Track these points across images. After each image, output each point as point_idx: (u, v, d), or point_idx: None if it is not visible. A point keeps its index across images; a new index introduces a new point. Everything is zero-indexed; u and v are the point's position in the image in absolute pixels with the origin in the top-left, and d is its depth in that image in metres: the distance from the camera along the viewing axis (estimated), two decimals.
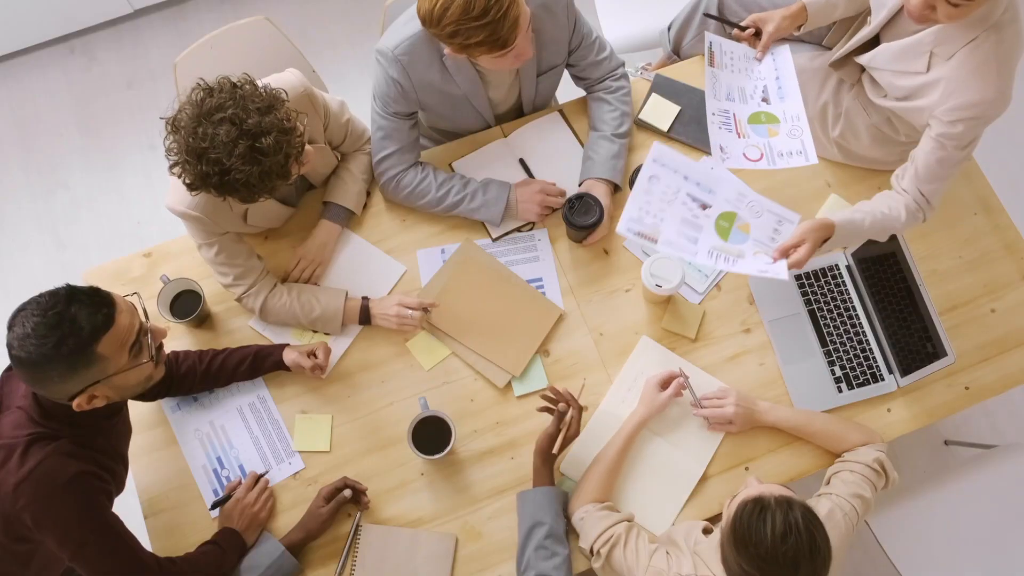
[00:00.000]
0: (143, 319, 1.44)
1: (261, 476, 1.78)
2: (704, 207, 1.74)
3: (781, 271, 1.67)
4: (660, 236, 1.71)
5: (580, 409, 1.72)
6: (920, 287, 1.75)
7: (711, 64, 1.95)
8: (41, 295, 1.34)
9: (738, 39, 2.03)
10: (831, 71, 1.98)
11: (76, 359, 1.32)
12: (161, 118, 1.53)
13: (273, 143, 1.46)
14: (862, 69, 1.91)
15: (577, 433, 1.71)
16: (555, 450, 1.70)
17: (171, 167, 1.52)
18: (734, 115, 1.91)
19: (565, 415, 1.69)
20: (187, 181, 1.51)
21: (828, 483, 1.70)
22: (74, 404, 1.38)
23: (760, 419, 1.80)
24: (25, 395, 1.44)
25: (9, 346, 1.32)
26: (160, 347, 1.48)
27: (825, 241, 1.71)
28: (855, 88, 1.95)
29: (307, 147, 1.58)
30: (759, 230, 1.74)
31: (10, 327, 1.33)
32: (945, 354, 1.71)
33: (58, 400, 1.39)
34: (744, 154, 1.86)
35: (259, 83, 1.56)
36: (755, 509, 1.34)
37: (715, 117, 1.88)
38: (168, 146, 1.51)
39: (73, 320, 1.31)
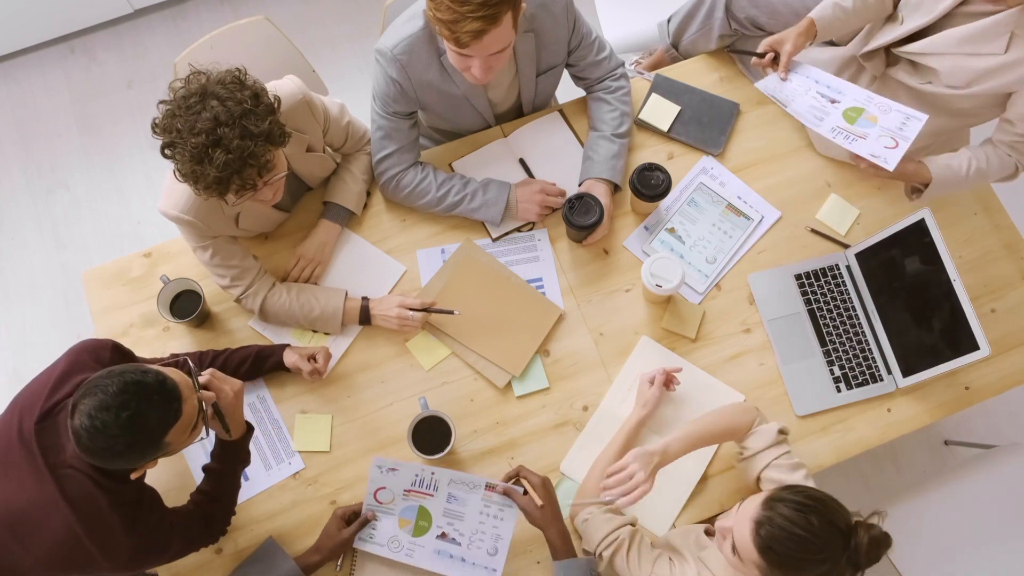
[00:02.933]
0: (197, 390, 1.42)
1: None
2: (833, 102, 1.85)
3: (892, 161, 1.73)
4: (790, 106, 1.86)
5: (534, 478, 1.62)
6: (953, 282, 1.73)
7: (785, 105, 1.91)
8: (108, 380, 1.29)
9: (758, 67, 1.98)
10: (844, 65, 1.96)
11: (146, 452, 1.34)
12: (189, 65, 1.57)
13: (223, 162, 1.45)
14: (887, 62, 1.90)
15: (537, 478, 1.62)
16: (539, 503, 1.59)
17: (159, 103, 1.53)
18: (839, 127, 1.84)
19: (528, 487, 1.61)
20: (155, 120, 1.52)
21: (765, 486, 1.62)
22: (132, 476, 1.41)
23: (669, 460, 1.60)
24: (78, 455, 1.40)
25: (76, 434, 1.29)
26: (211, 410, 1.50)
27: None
28: (876, 82, 1.93)
29: (263, 189, 1.58)
30: (886, 122, 1.80)
31: (73, 411, 1.29)
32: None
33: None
34: (886, 148, 1.78)
35: (272, 100, 1.56)
36: (763, 529, 1.32)
37: (837, 136, 1.81)
38: (172, 84, 1.53)
39: (145, 420, 1.30)
